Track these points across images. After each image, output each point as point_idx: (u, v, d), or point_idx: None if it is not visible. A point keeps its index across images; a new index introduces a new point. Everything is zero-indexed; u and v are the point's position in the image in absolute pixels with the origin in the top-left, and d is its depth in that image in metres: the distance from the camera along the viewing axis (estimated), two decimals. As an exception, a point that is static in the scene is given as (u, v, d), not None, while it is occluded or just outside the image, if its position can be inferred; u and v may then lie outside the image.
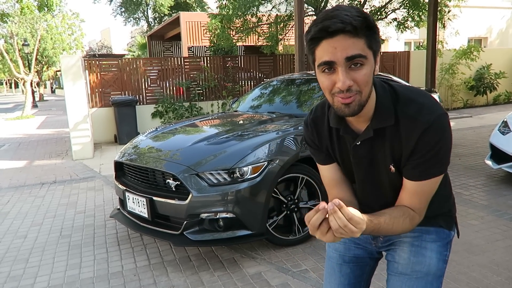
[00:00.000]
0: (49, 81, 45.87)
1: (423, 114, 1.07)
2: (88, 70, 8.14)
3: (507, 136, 4.42)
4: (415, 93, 1.14)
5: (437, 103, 1.11)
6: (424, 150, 1.08)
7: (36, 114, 16.96)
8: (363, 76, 1.00)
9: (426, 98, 1.12)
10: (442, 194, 1.26)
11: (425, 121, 1.06)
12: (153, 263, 3.01)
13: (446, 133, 1.08)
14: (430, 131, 1.06)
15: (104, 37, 36.51)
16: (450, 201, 1.33)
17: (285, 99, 4.32)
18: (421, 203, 1.16)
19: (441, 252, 1.28)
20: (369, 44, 0.99)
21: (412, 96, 1.13)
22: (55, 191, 5.02)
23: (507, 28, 17.43)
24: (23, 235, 3.67)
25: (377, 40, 1.02)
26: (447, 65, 10.90)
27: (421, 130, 1.07)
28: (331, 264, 1.45)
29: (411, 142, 1.09)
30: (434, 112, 1.07)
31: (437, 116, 1.07)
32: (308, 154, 3.17)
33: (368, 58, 0.99)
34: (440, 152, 1.09)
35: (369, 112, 1.11)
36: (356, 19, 0.94)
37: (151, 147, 3.45)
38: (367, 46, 0.99)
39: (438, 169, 1.12)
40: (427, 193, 1.15)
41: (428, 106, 1.09)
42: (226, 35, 9.26)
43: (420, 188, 1.13)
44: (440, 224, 1.29)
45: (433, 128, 1.06)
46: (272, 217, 3.04)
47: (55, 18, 19.87)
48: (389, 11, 9.35)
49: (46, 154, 7.61)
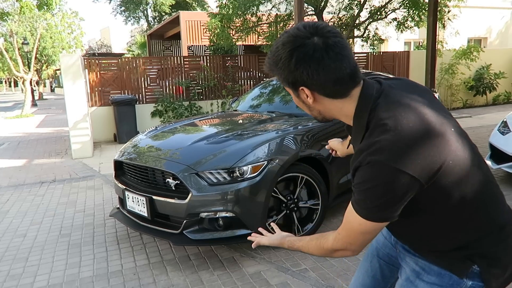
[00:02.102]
0: (49, 80, 45.81)
1: (366, 152, 0.98)
2: (88, 69, 8.14)
3: (506, 136, 4.42)
4: (387, 124, 0.98)
5: (399, 152, 0.94)
6: (356, 183, 1.01)
7: (36, 113, 16.94)
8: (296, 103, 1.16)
9: (386, 135, 0.97)
10: (456, 236, 1.08)
11: (360, 159, 0.99)
12: (153, 262, 3.01)
13: (371, 181, 0.96)
14: (362, 169, 0.98)
15: (104, 36, 36.47)
16: (476, 250, 1.07)
17: (285, 98, 4.32)
18: (343, 226, 1.08)
19: None
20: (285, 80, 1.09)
21: (378, 129, 0.99)
22: (54, 190, 5.02)
23: (507, 28, 17.44)
24: (22, 234, 3.67)
25: (291, 74, 1.05)
26: (447, 65, 10.90)
27: (356, 165, 1.01)
28: (369, 250, 1.46)
29: (352, 170, 1.05)
30: (372, 155, 0.96)
31: (371, 160, 0.96)
32: (308, 154, 3.18)
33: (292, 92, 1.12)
34: (364, 195, 0.99)
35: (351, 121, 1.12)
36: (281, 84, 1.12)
37: (151, 146, 3.45)
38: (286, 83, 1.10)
39: (359, 208, 1.01)
40: (349, 222, 1.05)
41: (381, 147, 0.96)
42: (226, 34, 9.25)
43: (348, 210, 1.06)
44: (446, 267, 1.10)
45: (367, 168, 0.97)
46: (272, 216, 3.04)
47: (54, 16, 19.83)
48: (389, 11, 9.34)
49: (45, 153, 7.60)
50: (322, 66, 0.99)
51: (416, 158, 0.94)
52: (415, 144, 0.95)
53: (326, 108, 1.10)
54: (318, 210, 3.23)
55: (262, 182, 2.85)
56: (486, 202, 1.08)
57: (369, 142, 0.99)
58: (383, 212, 0.99)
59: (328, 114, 1.13)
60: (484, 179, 1.07)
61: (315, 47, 0.99)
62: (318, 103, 1.08)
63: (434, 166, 0.96)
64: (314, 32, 1.00)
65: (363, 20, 9.49)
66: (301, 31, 1.01)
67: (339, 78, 1.01)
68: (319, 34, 1.00)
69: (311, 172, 3.16)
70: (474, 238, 1.07)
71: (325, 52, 0.99)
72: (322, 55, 0.98)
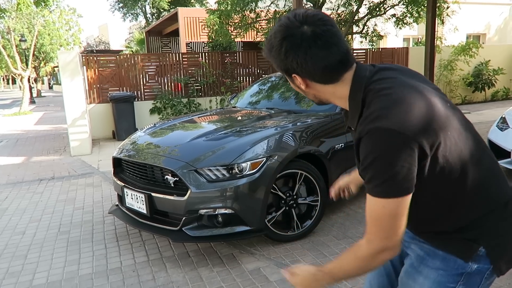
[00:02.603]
0: (47, 77, 45.70)
1: (367, 120, 1.00)
2: (86, 66, 8.10)
3: (505, 132, 4.42)
4: (388, 97, 1.01)
5: (395, 116, 0.97)
6: (363, 161, 1.01)
7: (34, 110, 16.90)
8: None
9: (388, 105, 0.99)
10: (460, 214, 1.08)
11: (360, 130, 1.01)
12: (152, 259, 3.01)
13: (379, 152, 0.96)
14: (364, 141, 1.00)
15: (102, 33, 36.33)
16: (480, 230, 1.08)
17: (284, 95, 4.32)
18: (369, 223, 1.04)
19: (441, 283, 1.11)
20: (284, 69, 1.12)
21: (378, 101, 1.02)
22: (53, 187, 5.01)
23: (506, 24, 17.43)
24: (21, 231, 3.66)
25: (282, 62, 1.09)
26: (446, 62, 10.90)
27: (357, 139, 1.03)
28: None
29: (355, 146, 1.05)
30: (376, 123, 0.97)
31: (376, 128, 0.97)
32: (307, 150, 3.18)
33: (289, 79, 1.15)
34: (373, 169, 0.98)
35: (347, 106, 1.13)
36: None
37: (150, 143, 3.44)
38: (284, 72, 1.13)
39: (375, 188, 0.99)
40: (372, 212, 1.02)
41: (378, 114, 0.99)
42: (225, 31, 9.22)
43: (368, 203, 1.02)
44: (451, 251, 1.10)
45: (367, 138, 0.99)
46: (271, 213, 3.04)
47: (52, 13, 19.72)
48: (388, 7, 9.32)
49: (44, 150, 7.59)
50: (310, 55, 1.02)
51: (414, 122, 0.96)
52: (413, 109, 0.98)
53: (320, 92, 1.14)
54: (317, 206, 3.23)
55: (261, 179, 2.85)
56: (489, 177, 1.09)
57: (366, 114, 1.01)
58: (399, 182, 0.97)
59: (324, 98, 1.17)
60: (484, 154, 1.09)
61: (302, 36, 1.01)
62: (311, 89, 1.13)
63: (433, 132, 0.98)
64: (304, 21, 1.02)
65: (362, 16, 9.47)
66: (291, 21, 1.03)
67: (327, 65, 1.04)
68: (309, 23, 1.02)
69: (310, 169, 3.16)
70: (479, 215, 1.07)
71: (312, 41, 1.01)
72: (310, 44, 1.01)
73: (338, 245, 3.08)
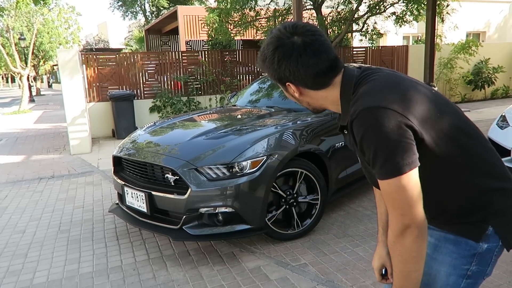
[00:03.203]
0: (46, 76, 45.62)
1: (355, 105, 1.05)
2: (85, 65, 8.09)
3: (505, 130, 4.42)
4: (372, 84, 1.08)
5: (381, 95, 1.03)
6: (359, 144, 1.05)
7: (33, 109, 16.88)
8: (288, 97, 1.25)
9: (372, 90, 1.06)
10: (466, 200, 1.12)
11: (351, 112, 1.06)
12: (152, 257, 3.01)
13: (367, 131, 1.00)
14: (354, 125, 1.04)
15: (101, 31, 36.26)
16: (489, 209, 1.11)
17: (284, 93, 4.31)
18: (387, 206, 1.06)
19: (456, 266, 1.14)
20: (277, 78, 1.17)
21: (364, 86, 1.09)
22: (53, 186, 5.01)
23: (506, 22, 17.41)
24: (21, 230, 3.66)
25: (276, 72, 1.15)
26: (446, 60, 10.89)
27: (350, 122, 1.07)
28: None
29: (350, 133, 1.09)
30: (362, 104, 1.03)
31: (361, 109, 1.02)
32: (307, 149, 3.18)
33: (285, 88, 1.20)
34: (368, 150, 1.02)
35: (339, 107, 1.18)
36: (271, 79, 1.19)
37: (150, 141, 3.44)
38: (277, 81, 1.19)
39: (379, 170, 1.01)
40: (386, 195, 1.04)
41: (364, 97, 1.05)
42: (224, 29, 9.20)
43: (382, 188, 1.05)
44: (462, 234, 1.13)
45: (355, 122, 1.03)
46: (271, 211, 3.04)
47: (51, 11, 19.68)
48: (388, 5, 9.31)
49: (43, 149, 7.58)
50: (301, 63, 1.10)
51: (401, 99, 1.03)
52: (399, 89, 1.06)
53: (313, 99, 1.20)
54: (318, 205, 3.23)
55: (261, 177, 2.85)
56: (490, 155, 1.14)
57: (355, 98, 1.08)
58: (402, 157, 0.99)
59: (317, 105, 1.22)
60: (479, 135, 1.15)
61: (293, 46, 1.09)
62: (305, 96, 1.19)
63: (421, 110, 1.03)
64: (294, 32, 1.10)
65: (362, 14, 9.46)
66: (282, 32, 1.11)
67: (318, 72, 1.11)
68: (298, 33, 1.10)
69: (310, 167, 3.16)
70: (484, 195, 1.11)
71: (303, 49, 1.09)
72: (300, 53, 1.09)
73: (338, 243, 3.09)
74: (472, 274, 1.14)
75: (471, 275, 1.14)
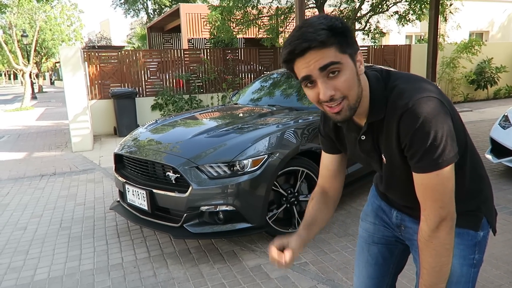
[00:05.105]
0: (48, 73, 45.69)
1: (403, 98, 1.02)
2: (88, 62, 8.10)
3: (507, 130, 4.41)
4: (404, 79, 1.09)
5: (424, 87, 1.04)
6: (407, 138, 1.01)
7: (35, 106, 16.91)
8: (343, 82, 1.01)
9: (411, 83, 1.06)
10: (466, 190, 1.16)
11: (403, 104, 1.01)
12: (153, 255, 3.02)
13: (427, 119, 0.98)
14: (407, 116, 1.00)
15: (104, 29, 36.30)
16: (480, 197, 1.20)
17: (286, 92, 4.30)
18: (423, 201, 1.06)
19: (465, 257, 1.18)
20: (341, 49, 0.99)
21: (397, 82, 1.08)
22: (54, 183, 5.02)
23: (509, 21, 17.33)
24: (23, 227, 3.67)
25: (350, 42, 1.02)
26: (448, 59, 10.86)
27: (399, 115, 1.02)
28: (361, 242, 1.47)
29: (393, 129, 1.05)
30: (413, 96, 1.01)
31: (416, 99, 1.00)
32: (308, 148, 3.18)
33: (343, 63, 1.00)
34: (424, 141, 0.99)
35: (366, 108, 1.11)
36: (320, 33, 0.96)
37: (151, 139, 3.44)
38: (340, 51, 0.99)
39: (429, 162, 1.00)
40: (431, 188, 1.03)
41: (410, 90, 1.03)
42: (226, 27, 9.19)
43: (421, 182, 1.04)
44: (463, 225, 1.16)
45: (409, 112, 1.00)
46: (272, 210, 3.04)
47: (53, 9, 19.69)
48: (391, 4, 9.28)
49: (45, 146, 7.60)
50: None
51: (435, 90, 1.05)
52: (424, 80, 1.09)
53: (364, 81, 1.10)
54: (318, 204, 3.22)
55: (263, 176, 2.85)
56: (474, 149, 1.22)
57: (397, 92, 1.06)
58: (453, 146, 1.00)
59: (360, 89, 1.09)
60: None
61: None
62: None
63: (450, 106, 1.07)
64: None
65: (365, 13, 9.43)
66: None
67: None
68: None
69: (312, 166, 3.16)
70: (477, 186, 1.19)
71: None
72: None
73: (339, 242, 3.09)
74: (477, 262, 1.20)
75: (476, 264, 1.20)
